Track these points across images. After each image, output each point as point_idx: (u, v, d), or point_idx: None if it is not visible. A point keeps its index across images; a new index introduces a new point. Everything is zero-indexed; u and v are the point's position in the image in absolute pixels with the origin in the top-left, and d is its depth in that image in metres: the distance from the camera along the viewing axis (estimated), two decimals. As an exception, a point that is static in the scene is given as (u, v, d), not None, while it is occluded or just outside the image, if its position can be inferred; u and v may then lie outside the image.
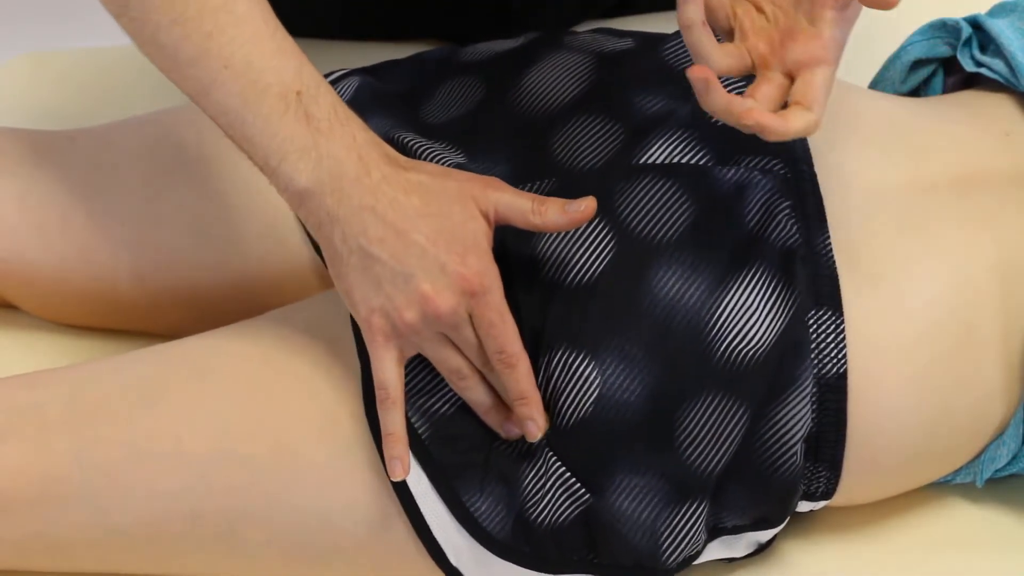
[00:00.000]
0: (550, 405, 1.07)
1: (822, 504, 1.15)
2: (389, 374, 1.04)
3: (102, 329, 1.31)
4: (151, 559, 1.12)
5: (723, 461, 1.08)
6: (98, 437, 1.10)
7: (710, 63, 1.00)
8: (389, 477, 1.05)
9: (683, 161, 1.11)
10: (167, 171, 1.24)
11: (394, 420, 1.04)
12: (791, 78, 1.01)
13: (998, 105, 1.21)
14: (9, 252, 1.25)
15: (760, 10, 1.03)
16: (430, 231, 1.01)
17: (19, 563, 1.13)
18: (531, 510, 1.07)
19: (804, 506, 1.15)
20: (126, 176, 1.25)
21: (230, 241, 1.24)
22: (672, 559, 1.09)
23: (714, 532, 1.12)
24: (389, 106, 1.21)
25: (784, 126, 0.98)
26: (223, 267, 1.24)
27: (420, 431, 1.07)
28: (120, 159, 1.25)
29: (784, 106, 1.00)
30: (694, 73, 0.96)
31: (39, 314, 1.31)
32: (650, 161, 1.11)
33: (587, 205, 1.03)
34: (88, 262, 1.24)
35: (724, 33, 1.04)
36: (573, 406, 1.06)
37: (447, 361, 1.04)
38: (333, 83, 1.23)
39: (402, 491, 1.07)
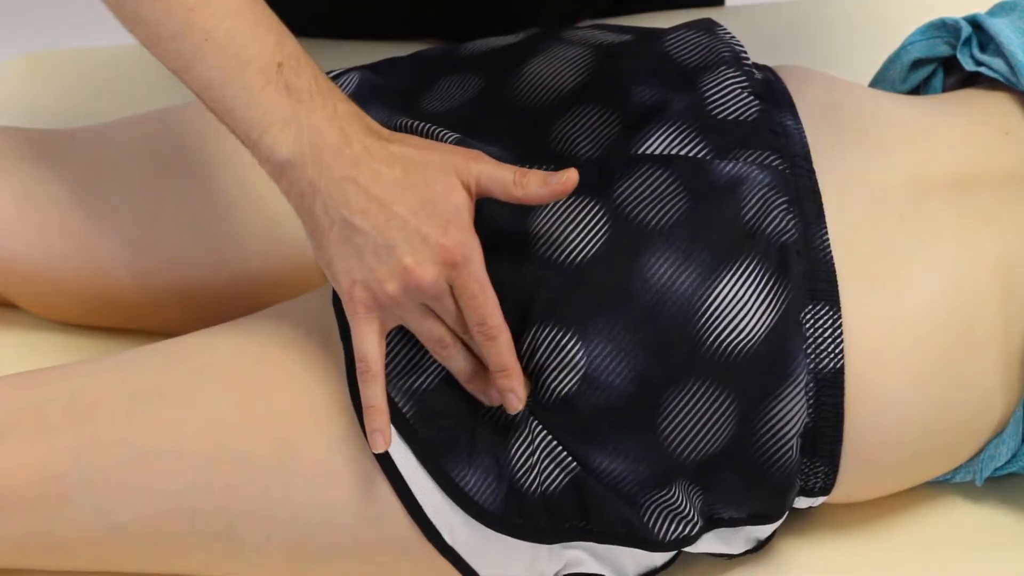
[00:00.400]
0: (533, 378, 1.07)
1: (820, 500, 1.15)
2: (370, 346, 1.03)
3: (102, 328, 1.31)
4: (151, 558, 1.12)
5: (707, 450, 1.08)
6: (97, 436, 1.10)
7: None
8: (371, 450, 1.05)
9: (681, 153, 1.11)
10: (167, 170, 1.24)
11: (375, 393, 1.04)
12: None
13: (998, 104, 1.22)
14: (9, 251, 1.25)
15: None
16: (412, 202, 1.01)
17: (19, 562, 1.13)
18: (521, 479, 1.07)
19: (802, 502, 1.15)
20: (126, 175, 1.25)
21: (230, 241, 1.24)
22: (662, 535, 1.09)
23: (710, 523, 1.12)
24: (389, 99, 1.21)
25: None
26: (223, 266, 1.24)
27: (404, 410, 1.07)
28: (120, 158, 1.25)
29: None
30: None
31: (39, 313, 1.31)
32: (648, 151, 1.11)
33: (568, 177, 1.03)
34: (88, 261, 1.24)
35: None
36: (557, 383, 1.06)
37: (429, 331, 1.04)
38: (333, 79, 1.23)
39: (392, 473, 1.07)
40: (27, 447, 1.10)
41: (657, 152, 1.11)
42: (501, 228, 1.08)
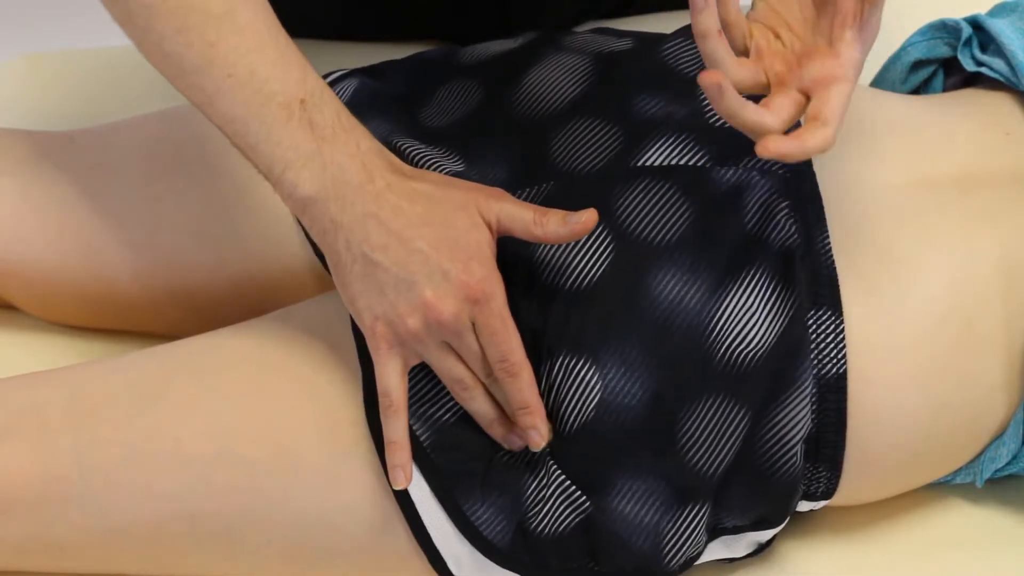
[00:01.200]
0: (553, 412, 1.07)
1: (822, 504, 1.15)
2: (392, 381, 1.04)
3: (102, 329, 1.31)
4: (151, 559, 1.12)
5: (725, 463, 1.08)
6: (98, 438, 1.10)
7: (725, 72, 0.98)
8: (391, 486, 1.05)
9: (681, 163, 1.11)
10: (167, 171, 1.24)
11: (397, 428, 1.04)
12: (807, 97, 1.00)
13: (999, 104, 1.21)
14: (9, 253, 1.25)
15: (777, 36, 1.03)
16: (433, 238, 1.01)
17: (19, 563, 1.13)
18: (532, 519, 1.07)
19: (804, 506, 1.15)
20: (126, 176, 1.25)
21: (230, 241, 1.24)
22: (674, 561, 1.09)
23: (714, 532, 1.12)
24: (387, 109, 1.21)
25: (801, 147, 0.97)
26: (223, 267, 1.24)
27: (422, 438, 1.07)
28: (120, 159, 1.25)
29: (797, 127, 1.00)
30: (706, 78, 0.95)
31: (39, 314, 1.31)
32: (648, 163, 1.11)
33: (588, 217, 1.03)
34: (88, 262, 1.24)
35: (739, 53, 1.03)
36: (575, 412, 1.06)
37: (450, 371, 1.04)
38: (331, 84, 1.23)
39: (403, 498, 1.07)
40: (27, 449, 1.10)
41: (657, 163, 1.11)
42: (507, 259, 1.07)
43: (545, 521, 1.07)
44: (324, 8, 1.50)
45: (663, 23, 1.29)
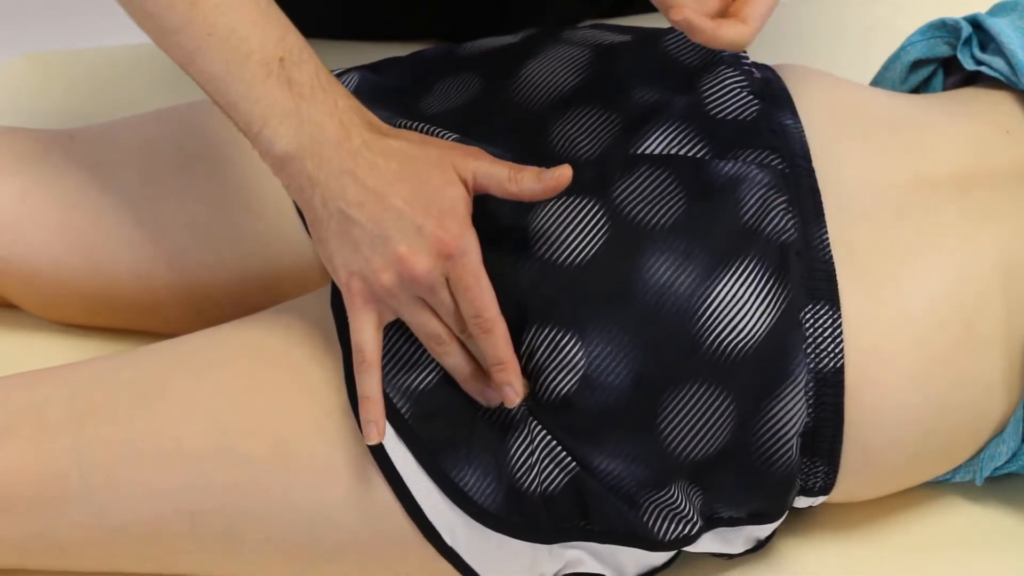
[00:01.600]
0: (532, 378, 1.07)
1: (820, 500, 1.15)
2: (366, 336, 1.04)
3: (102, 329, 1.31)
4: (151, 558, 1.12)
5: (707, 450, 1.08)
6: (97, 436, 1.10)
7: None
8: (365, 441, 1.05)
9: (680, 153, 1.11)
10: (167, 170, 1.24)
11: (370, 383, 1.04)
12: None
13: (998, 103, 1.22)
14: (9, 252, 1.25)
15: None
16: (408, 194, 1.02)
17: (19, 563, 1.13)
18: (520, 479, 1.07)
19: (802, 502, 1.15)
20: (126, 175, 1.25)
21: (230, 241, 1.24)
22: (662, 534, 1.09)
23: (710, 522, 1.12)
24: (388, 99, 1.21)
25: (714, 31, 1.01)
26: (223, 266, 1.24)
27: (402, 410, 1.07)
28: (120, 158, 1.25)
29: None
30: (675, 14, 1.01)
31: (39, 314, 1.31)
32: (647, 151, 1.11)
33: (561, 173, 1.04)
34: (88, 261, 1.24)
35: None
36: (557, 383, 1.06)
37: (425, 326, 1.04)
38: (334, 79, 1.23)
39: (390, 472, 1.07)
40: (27, 447, 1.10)
41: (656, 152, 1.11)
42: (501, 228, 1.08)
43: (534, 480, 1.07)
44: (325, 8, 1.50)
45: (662, 21, 1.29)
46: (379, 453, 1.07)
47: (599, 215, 1.08)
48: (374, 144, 1.03)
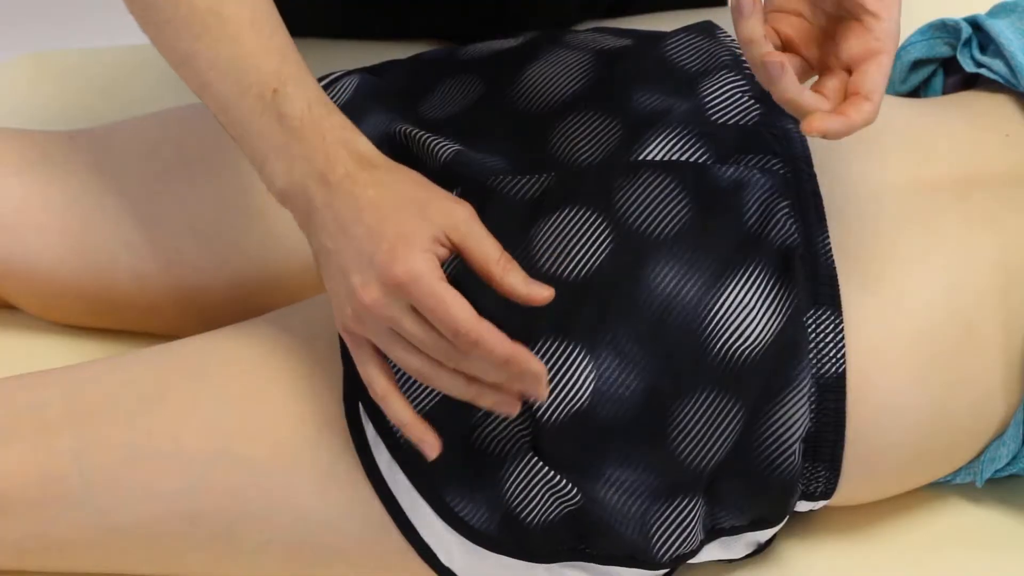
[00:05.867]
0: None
1: (821, 504, 1.15)
2: (368, 370, 1.01)
3: (102, 330, 1.31)
4: (150, 559, 1.12)
5: (716, 458, 1.08)
6: (97, 438, 1.10)
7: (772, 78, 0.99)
8: (427, 457, 1.01)
9: (682, 159, 1.11)
10: (167, 171, 1.24)
11: (394, 412, 1.01)
12: (849, 71, 1.01)
13: (998, 106, 1.22)
14: (9, 252, 1.25)
15: (798, 14, 1.03)
16: (372, 222, 0.98)
17: (19, 563, 1.13)
18: (518, 509, 1.07)
19: (803, 506, 1.15)
20: (126, 176, 1.25)
21: (230, 241, 1.24)
22: (665, 554, 1.09)
23: (712, 533, 1.12)
24: (388, 102, 1.21)
25: (847, 123, 0.97)
26: (223, 267, 1.24)
27: (398, 435, 1.07)
28: (120, 159, 1.25)
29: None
30: (773, 57, 0.96)
31: (39, 314, 1.31)
32: (649, 157, 1.11)
33: (549, 293, 0.98)
34: (88, 262, 1.24)
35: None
36: (567, 399, 1.06)
37: (404, 361, 1.00)
38: (333, 83, 1.23)
39: (387, 497, 1.07)
40: (27, 449, 1.10)
41: (658, 158, 1.11)
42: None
43: (533, 511, 1.07)
44: (325, 8, 1.50)
45: (662, 23, 1.29)
46: (374, 474, 1.07)
47: (602, 226, 1.08)
48: (357, 176, 0.99)
